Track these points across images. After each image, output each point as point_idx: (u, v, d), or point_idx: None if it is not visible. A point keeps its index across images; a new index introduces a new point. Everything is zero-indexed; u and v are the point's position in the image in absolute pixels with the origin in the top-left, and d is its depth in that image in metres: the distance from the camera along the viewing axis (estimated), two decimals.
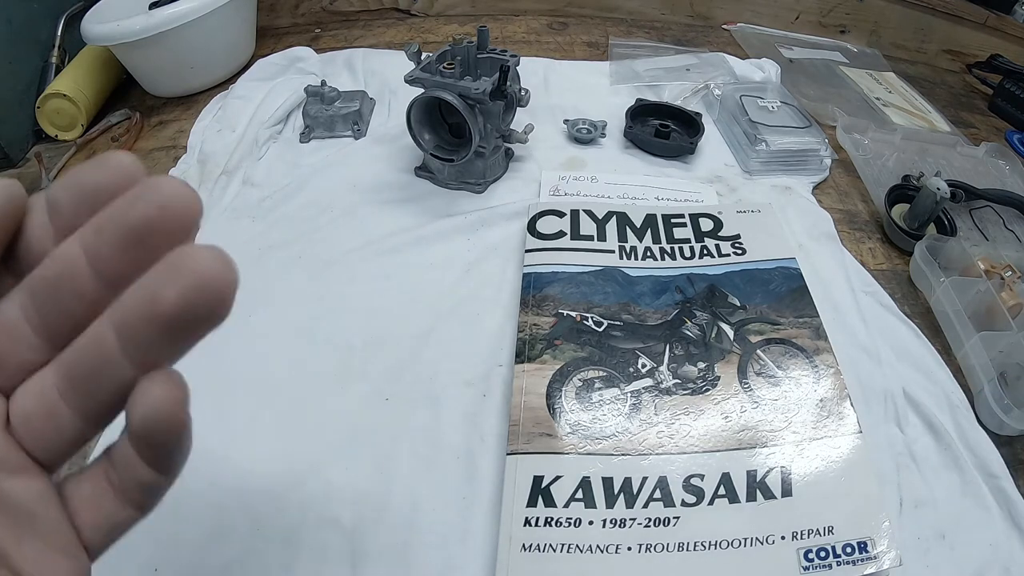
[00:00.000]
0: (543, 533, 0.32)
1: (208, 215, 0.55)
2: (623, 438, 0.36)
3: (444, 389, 0.41)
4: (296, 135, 0.65)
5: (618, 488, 0.34)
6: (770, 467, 0.35)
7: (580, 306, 0.44)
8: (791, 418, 0.37)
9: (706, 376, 0.39)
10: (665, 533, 0.32)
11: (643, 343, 0.41)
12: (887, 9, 0.93)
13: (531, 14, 0.93)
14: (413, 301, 0.47)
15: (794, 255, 0.47)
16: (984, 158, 0.66)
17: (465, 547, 0.33)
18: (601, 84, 0.75)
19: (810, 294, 0.44)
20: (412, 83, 0.52)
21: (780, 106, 0.66)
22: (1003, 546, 0.34)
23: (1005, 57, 0.87)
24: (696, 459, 0.35)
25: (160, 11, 0.65)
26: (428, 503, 0.35)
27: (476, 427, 0.39)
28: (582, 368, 0.40)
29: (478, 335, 0.45)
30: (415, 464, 0.37)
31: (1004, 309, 0.44)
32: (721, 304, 0.44)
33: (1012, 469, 0.38)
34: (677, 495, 0.33)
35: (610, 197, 0.56)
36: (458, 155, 0.54)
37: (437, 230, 0.53)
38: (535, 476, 0.34)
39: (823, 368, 0.40)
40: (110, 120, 0.70)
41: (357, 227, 0.54)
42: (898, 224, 0.55)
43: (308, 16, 0.94)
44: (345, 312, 0.47)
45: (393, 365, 0.43)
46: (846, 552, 0.31)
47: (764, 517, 0.33)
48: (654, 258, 0.48)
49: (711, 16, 0.95)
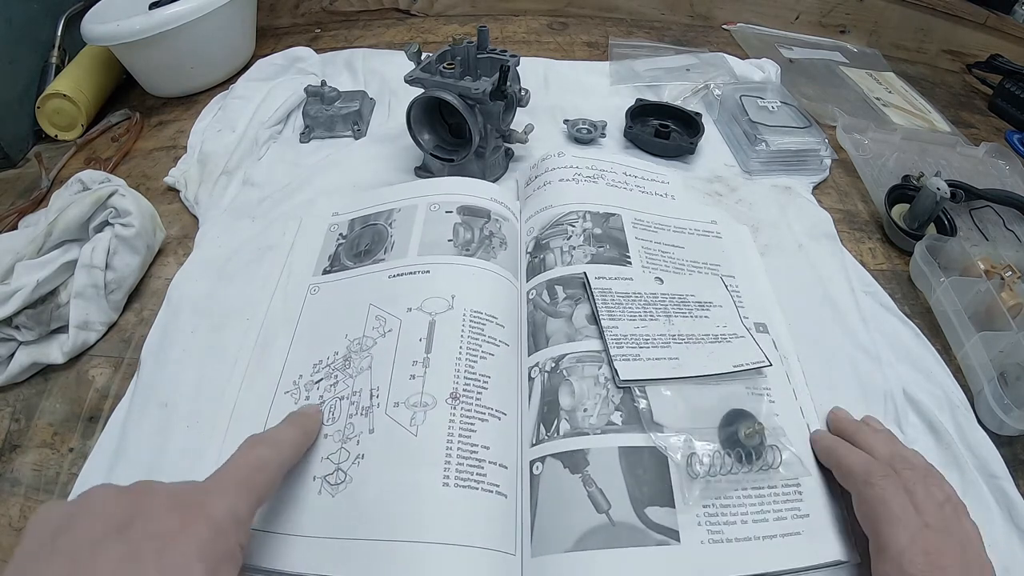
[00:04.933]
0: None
1: (208, 215, 0.55)
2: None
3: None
4: (296, 135, 0.65)
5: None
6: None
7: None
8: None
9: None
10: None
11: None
12: (887, 9, 0.93)
13: (531, 14, 0.93)
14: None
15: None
16: (984, 158, 0.66)
17: None
18: (601, 84, 0.74)
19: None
20: (412, 83, 0.52)
21: (780, 106, 0.66)
22: (1003, 546, 0.34)
23: (1005, 57, 0.87)
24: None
25: (160, 11, 0.65)
26: None
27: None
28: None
29: None
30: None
31: (1004, 309, 0.44)
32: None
33: (1012, 469, 0.38)
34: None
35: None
36: (458, 155, 0.54)
37: None
38: None
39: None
40: (110, 120, 0.70)
41: None
42: (898, 224, 0.55)
43: (308, 16, 0.94)
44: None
45: None
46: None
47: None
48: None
49: (711, 16, 0.95)
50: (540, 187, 0.53)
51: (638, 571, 0.31)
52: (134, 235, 0.48)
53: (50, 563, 0.23)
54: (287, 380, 0.40)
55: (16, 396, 0.43)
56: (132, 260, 0.48)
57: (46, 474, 0.39)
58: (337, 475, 0.34)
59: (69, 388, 0.44)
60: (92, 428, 0.41)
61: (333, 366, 0.40)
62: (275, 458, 0.31)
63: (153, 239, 0.51)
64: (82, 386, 0.44)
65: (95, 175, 0.51)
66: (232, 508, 0.27)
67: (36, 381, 0.44)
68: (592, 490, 0.33)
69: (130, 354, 0.45)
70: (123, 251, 0.47)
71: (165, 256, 0.53)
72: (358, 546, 0.31)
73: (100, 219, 0.48)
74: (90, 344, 0.46)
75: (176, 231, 0.55)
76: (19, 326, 0.43)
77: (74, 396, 0.43)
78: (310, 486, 0.34)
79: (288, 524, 0.32)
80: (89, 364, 0.45)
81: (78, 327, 0.44)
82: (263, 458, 0.30)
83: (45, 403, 0.43)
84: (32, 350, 0.44)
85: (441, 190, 0.50)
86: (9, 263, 0.44)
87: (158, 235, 0.52)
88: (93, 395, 0.43)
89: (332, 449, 0.35)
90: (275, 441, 0.32)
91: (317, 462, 0.35)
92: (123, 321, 0.48)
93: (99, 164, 0.64)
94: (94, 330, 0.46)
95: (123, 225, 0.47)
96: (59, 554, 0.23)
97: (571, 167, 0.54)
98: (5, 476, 0.39)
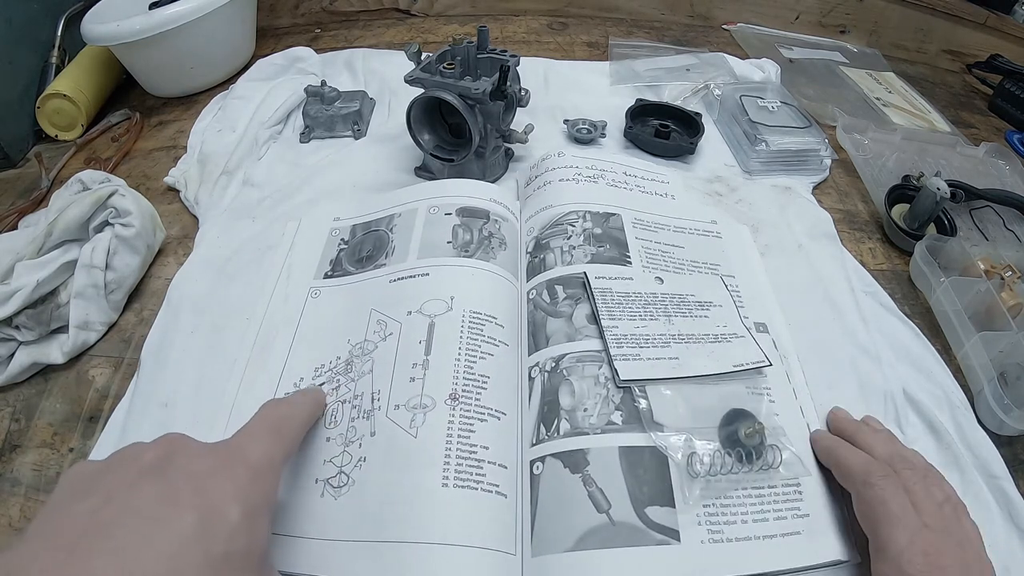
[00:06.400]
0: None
1: (208, 215, 0.55)
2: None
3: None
4: (296, 135, 0.65)
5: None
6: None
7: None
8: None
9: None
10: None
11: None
12: (887, 9, 0.93)
13: (531, 14, 0.93)
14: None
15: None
16: (984, 158, 0.66)
17: None
18: (601, 84, 0.74)
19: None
20: (412, 83, 0.52)
21: (780, 106, 0.66)
22: (1003, 546, 0.34)
23: (1005, 57, 0.87)
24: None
25: (160, 11, 0.65)
26: None
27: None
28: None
29: None
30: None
31: (1004, 309, 0.44)
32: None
33: (1012, 469, 0.38)
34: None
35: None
36: (458, 155, 0.54)
37: None
38: None
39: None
40: (110, 120, 0.70)
41: None
42: (898, 224, 0.55)
43: (308, 16, 0.94)
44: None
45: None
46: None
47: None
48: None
49: (711, 16, 0.95)
50: (540, 187, 0.53)
51: (638, 571, 0.31)
52: (134, 235, 0.48)
53: (85, 502, 0.22)
54: (287, 381, 0.40)
55: (16, 396, 0.43)
56: (132, 260, 0.48)
57: (46, 474, 0.39)
58: (339, 478, 0.34)
59: (69, 388, 0.44)
60: (92, 428, 0.41)
61: (335, 370, 0.40)
62: (297, 414, 0.32)
63: (153, 239, 0.51)
64: (82, 386, 0.44)
65: (95, 175, 0.51)
66: (268, 452, 0.27)
67: (36, 381, 0.44)
68: (592, 490, 0.33)
69: (130, 354, 0.45)
70: (123, 251, 0.47)
71: (165, 256, 0.53)
72: (360, 548, 0.31)
73: (100, 219, 0.48)
74: (90, 344, 0.46)
75: (176, 231, 0.55)
76: (19, 326, 0.43)
77: (74, 396, 0.43)
78: (313, 489, 0.34)
79: (291, 527, 0.33)
80: (89, 364, 0.45)
81: (78, 327, 0.45)
82: (286, 414, 0.31)
83: (45, 403, 0.43)
84: (32, 350, 0.44)
85: (440, 192, 0.50)
86: (9, 263, 0.44)
87: (158, 235, 0.52)
88: (93, 395, 0.43)
89: (334, 452, 0.35)
90: (293, 402, 0.34)
91: (319, 465, 0.35)
92: (123, 321, 0.48)
93: (99, 164, 0.64)
94: (94, 330, 0.46)
95: (123, 225, 0.47)
96: (94, 494, 0.23)
97: (571, 167, 0.54)
98: (5, 476, 0.39)
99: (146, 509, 0.22)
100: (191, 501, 0.23)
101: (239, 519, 0.23)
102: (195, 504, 0.23)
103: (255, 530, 0.24)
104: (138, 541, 0.21)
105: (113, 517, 0.22)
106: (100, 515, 0.22)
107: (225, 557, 0.22)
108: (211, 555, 0.22)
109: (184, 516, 0.22)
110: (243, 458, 0.26)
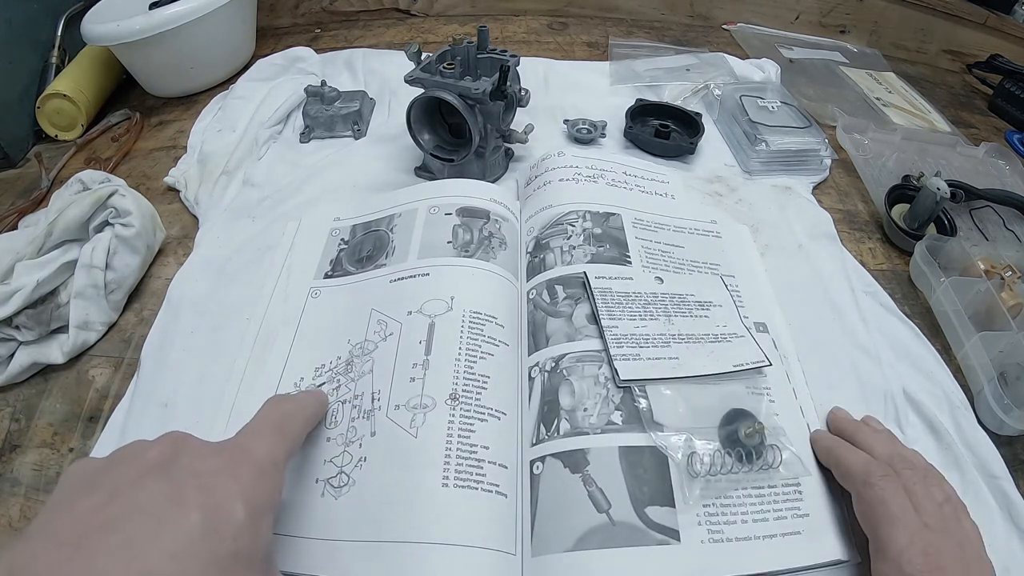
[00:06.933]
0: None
1: (208, 215, 0.55)
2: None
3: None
4: (296, 135, 0.65)
5: None
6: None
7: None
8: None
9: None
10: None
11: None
12: (887, 9, 0.93)
13: (531, 14, 0.93)
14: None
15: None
16: (984, 158, 0.66)
17: None
18: (601, 84, 0.74)
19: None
20: (412, 83, 0.52)
21: (780, 106, 0.66)
22: (1003, 546, 0.35)
23: (1005, 57, 0.87)
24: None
25: (160, 11, 0.65)
26: None
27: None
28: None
29: None
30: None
31: (1004, 309, 0.44)
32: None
33: (1012, 469, 0.38)
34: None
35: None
36: (458, 155, 0.54)
37: None
38: None
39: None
40: (110, 120, 0.70)
41: None
42: (898, 224, 0.55)
43: (308, 16, 0.94)
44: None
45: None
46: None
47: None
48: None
49: (711, 16, 0.95)
50: (540, 187, 0.53)
51: (638, 571, 0.31)
52: (134, 235, 0.48)
53: (89, 498, 0.22)
54: (287, 381, 0.40)
55: (16, 396, 0.43)
56: (132, 260, 0.48)
57: (46, 474, 0.39)
58: (340, 478, 0.34)
59: (69, 388, 0.44)
60: (92, 428, 0.41)
61: (335, 370, 0.40)
62: (300, 411, 0.32)
63: (153, 239, 0.51)
64: (82, 386, 0.44)
65: (95, 175, 0.51)
66: (271, 451, 0.27)
67: (36, 381, 0.44)
68: (592, 490, 0.33)
69: (130, 354, 0.45)
70: (123, 251, 0.47)
71: (165, 256, 0.53)
72: (360, 548, 0.31)
73: (100, 219, 0.48)
74: (90, 344, 0.46)
75: (176, 231, 0.55)
76: (19, 326, 0.43)
77: (74, 396, 0.43)
78: (313, 489, 0.34)
79: (292, 527, 0.33)
80: (89, 364, 0.45)
81: (78, 327, 0.45)
82: (289, 411, 0.31)
83: (45, 403, 0.43)
84: (32, 350, 0.44)
85: (440, 192, 0.50)
86: (9, 263, 0.44)
87: (158, 235, 0.52)
88: (93, 395, 0.43)
89: (335, 452, 0.35)
90: (296, 399, 0.34)
91: (320, 465, 0.35)
92: (123, 321, 0.48)
93: (99, 164, 0.64)
94: (94, 330, 0.46)
95: (123, 225, 0.47)
96: (98, 490, 0.22)
97: (571, 167, 0.54)
98: (5, 476, 0.39)
99: (152, 507, 0.22)
100: (197, 500, 0.23)
101: (244, 518, 0.23)
102: (201, 503, 0.23)
103: (260, 529, 0.24)
104: (144, 539, 0.21)
105: (118, 514, 0.22)
106: (105, 512, 0.22)
107: (231, 556, 0.22)
108: (217, 554, 0.22)
109: (190, 515, 0.22)
110: (247, 457, 0.26)
